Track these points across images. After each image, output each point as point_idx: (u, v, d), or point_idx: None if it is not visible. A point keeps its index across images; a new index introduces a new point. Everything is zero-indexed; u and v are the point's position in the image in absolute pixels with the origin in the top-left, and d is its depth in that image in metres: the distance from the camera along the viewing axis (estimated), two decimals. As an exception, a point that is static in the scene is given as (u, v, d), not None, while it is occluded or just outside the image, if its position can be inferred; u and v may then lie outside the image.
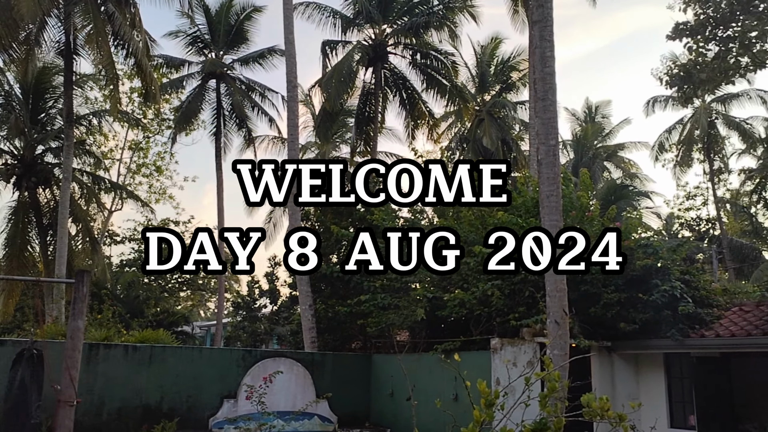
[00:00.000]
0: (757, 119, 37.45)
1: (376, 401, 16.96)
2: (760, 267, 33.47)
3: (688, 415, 13.47)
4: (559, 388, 5.99)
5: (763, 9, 22.81)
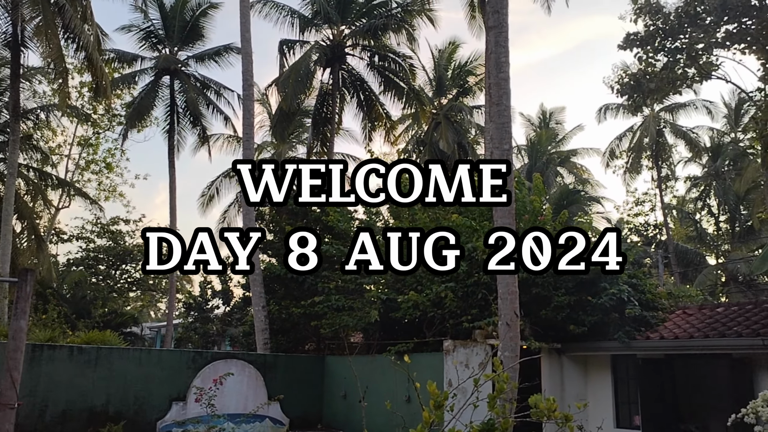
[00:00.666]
0: (702, 129, 38.78)
1: (329, 403, 16.88)
2: (704, 272, 34.62)
3: (634, 415, 13.81)
4: (508, 389, 6.07)
5: (710, 22, 23.61)
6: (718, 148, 38.41)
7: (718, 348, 12.09)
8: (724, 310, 13.83)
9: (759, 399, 9.18)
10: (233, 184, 30.20)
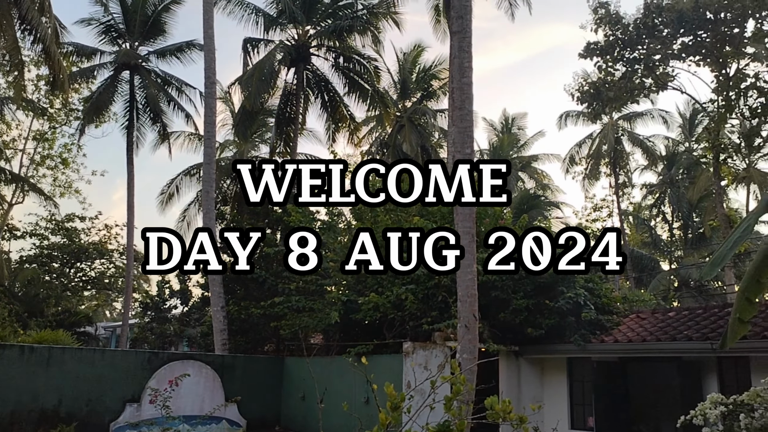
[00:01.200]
0: (658, 137, 39.78)
1: (287, 404, 16.77)
2: (657, 277, 35.48)
3: (588, 417, 14.07)
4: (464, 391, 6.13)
5: (667, 34, 24.26)
6: (672, 156, 39.45)
7: (669, 351, 12.41)
8: (676, 315, 14.20)
9: (707, 401, 9.47)
10: (194, 182, 29.77)
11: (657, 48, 24.74)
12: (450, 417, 5.01)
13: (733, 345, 8.05)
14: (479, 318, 12.22)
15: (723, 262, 7.41)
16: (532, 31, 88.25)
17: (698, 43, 23.86)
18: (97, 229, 36.17)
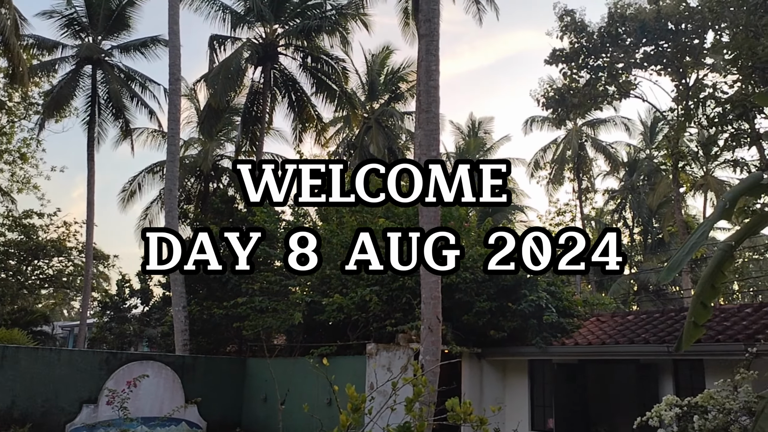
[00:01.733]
0: (620, 144, 40.56)
1: (248, 406, 16.62)
2: (618, 281, 36.16)
3: (548, 418, 14.25)
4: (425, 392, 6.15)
5: (630, 43, 24.77)
6: (634, 163, 40.26)
7: (627, 354, 12.65)
8: (634, 318, 14.48)
9: (663, 403, 9.67)
10: (157, 180, 29.31)
11: (620, 56, 25.26)
12: (411, 418, 5.03)
13: (688, 348, 8.21)
14: (443, 320, 12.28)
15: (679, 267, 7.55)
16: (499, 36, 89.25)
17: (660, 53, 24.44)
18: (56, 227, 35.34)
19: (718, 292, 8.29)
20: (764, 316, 11.82)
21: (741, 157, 14.81)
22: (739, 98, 10.38)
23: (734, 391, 9.20)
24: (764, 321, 11.38)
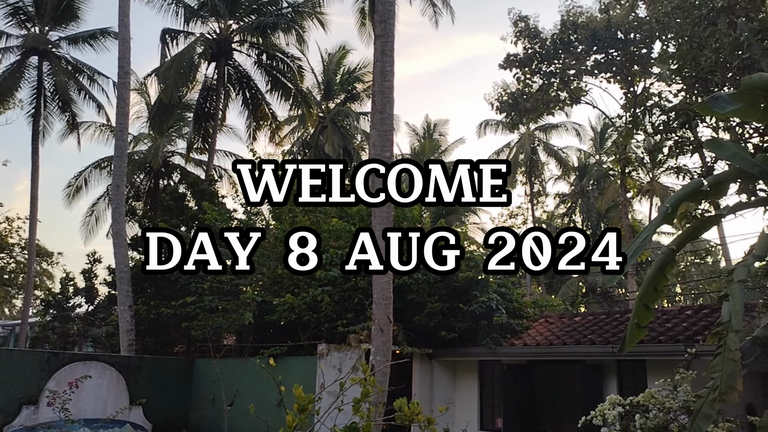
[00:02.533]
0: (571, 149, 41.43)
1: (196, 407, 16.33)
2: (567, 283, 36.91)
3: (496, 418, 14.43)
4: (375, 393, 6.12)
5: (581, 50, 25.31)
6: (584, 168, 41.16)
7: (574, 355, 12.92)
8: (581, 320, 14.80)
9: (606, 402, 9.89)
10: (104, 175, 28.52)
11: (572, 63, 25.82)
12: (359, 418, 5.01)
13: (632, 349, 8.44)
14: (394, 320, 12.30)
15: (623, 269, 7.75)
16: (455, 39, 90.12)
17: (609, 61, 25.07)
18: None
19: (661, 295, 8.53)
20: (703, 318, 12.23)
21: (684, 164, 15.28)
22: (682, 107, 10.71)
23: (674, 390, 9.48)
24: (703, 323, 11.76)
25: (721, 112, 6.46)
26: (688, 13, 11.37)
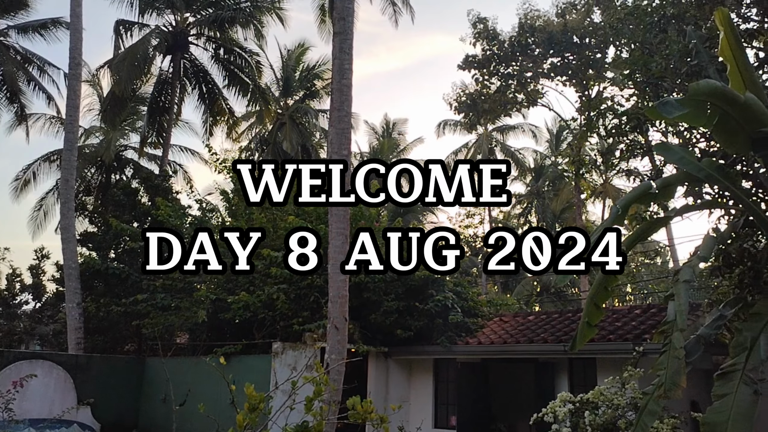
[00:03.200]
0: (527, 150, 41.99)
1: (147, 407, 16.03)
2: (522, 282, 37.46)
3: (451, 416, 14.55)
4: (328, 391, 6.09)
5: (538, 53, 25.71)
6: (540, 169, 41.78)
7: (527, 353, 13.12)
8: (534, 319, 15.04)
9: (557, 400, 10.07)
10: (54, 169, 27.67)
11: (529, 66, 26.24)
12: (311, 417, 4.98)
13: (582, 347, 8.62)
14: (351, 319, 12.28)
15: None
16: (415, 38, 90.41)
17: (565, 65, 25.56)
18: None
19: (611, 295, 8.72)
20: (652, 317, 12.56)
21: (635, 167, 15.64)
22: (634, 112, 10.96)
23: (622, 387, 9.70)
24: (651, 321, 12.08)
25: (669, 117, 6.62)
26: (640, 19, 11.65)
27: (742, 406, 5.56)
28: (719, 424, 5.54)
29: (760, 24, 10.38)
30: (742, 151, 7.46)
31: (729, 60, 7.05)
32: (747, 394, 5.61)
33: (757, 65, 9.58)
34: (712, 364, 10.54)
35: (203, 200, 18.39)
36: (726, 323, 7.83)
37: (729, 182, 7.14)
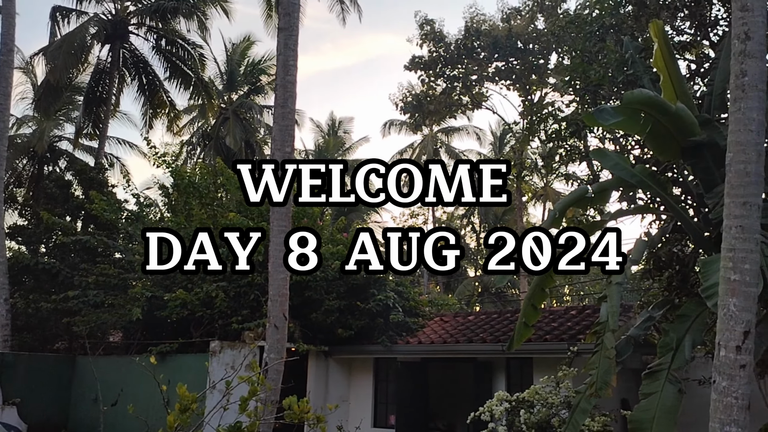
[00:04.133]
0: (472, 152, 42.50)
1: (77, 407, 15.52)
2: (464, 283, 37.97)
3: (390, 415, 14.59)
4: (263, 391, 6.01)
5: (483, 57, 26.09)
6: (483, 171, 42.41)
7: (466, 352, 13.29)
8: (474, 319, 15.24)
9: (494, 399, 10.25)
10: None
11: (474, 69, 26.59)
12: (246, 417, 4.90)
13: (519, 347, 8.81)
14: (292, 318, 12.16)
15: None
16: (362, 37, 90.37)
17: (509, 69, 26.02)
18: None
19: (547, 296, 8.91)
20: (586, 318, 12.91)
21: (573, 171, 16.06)
22: (573, 117, 11.25)
23: (557, 386, 9.95)
24: (586, 322, 12.41)
25: (605, 124, 6.82)
26: (581, 28, 11.96)
27: (666, 403, 5.79)
28: (645, 422, 5.75)
29: (693, 37, 10.80)
30: (673, 159, 7.76)
31: (662, 71, 7.32)
32: (672, 393, 5.84)
33: (689, 77, 9.97)
34: (641, 364, 10.91)
35: (140, 194, 17.88)
36: (655, 324, 8.13)
37: (660, 188, 7.41)
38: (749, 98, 4.82)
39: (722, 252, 4.76)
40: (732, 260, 4.65)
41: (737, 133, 4.83)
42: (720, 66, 7.53)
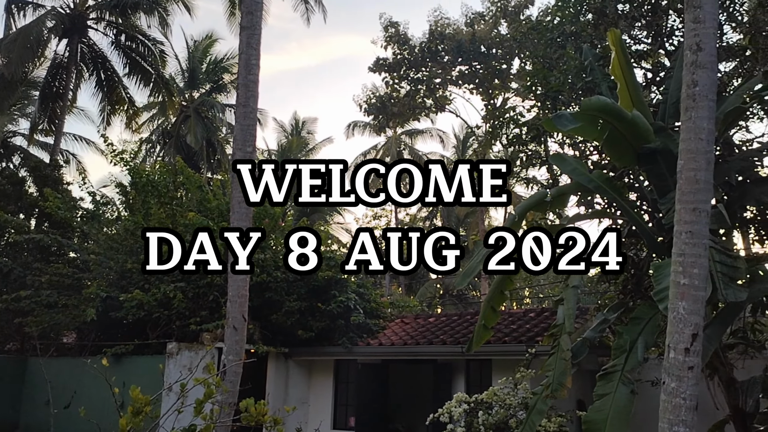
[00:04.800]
0: (435, 155, 42.73)
1: (28, 410, 15.10)
2: (425, 284, 38.12)
3: (350, 417, 14.57)
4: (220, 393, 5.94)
5: (447, 61, 26.28)
6: (446, 174, 42.70)
7: (426, 354, 13.35)
8: (435, 320, 15.32)
9: (453, 400, 10.32)
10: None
11: (438, 72, 26.78)
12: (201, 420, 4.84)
13: (479, 348, 8.88)
14: (252, 319, 12.03)
15: (473, 273, 8.12)
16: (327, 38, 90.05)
17: (473, 73, 26.26)
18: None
19: (506, 298, 9.01)
20: (545, 320, 13.10)
21: (533, 176, 16.28)
22: (534, 122, 11.42)
23: (515, 388, 10.07)
24: (544, 324, 12.60)
25: (563, 129, 6.94)
26: (542, 35, 12.14)
27: (620, 404, 5.90)
28: (599, 422, 5.86)
29: (650, 46, 11.06)
30: (629, 165, 7.93)
31: (619, 78, 7.47)
32: (625, 394, 5.96)
33: (645, 85, 10.21)
34: (597, 365, 11.12)
35: (97, 192, 17.49)
36: (610, 326, 8.29)
37: (616, 194, 7.56)
38: (700, 108, 4.95)
39: (672, 256, 4.87)
40: (682, 264, 4.76)
41: (688, 141, 4.95)
42: (674, 75, 7.72)
